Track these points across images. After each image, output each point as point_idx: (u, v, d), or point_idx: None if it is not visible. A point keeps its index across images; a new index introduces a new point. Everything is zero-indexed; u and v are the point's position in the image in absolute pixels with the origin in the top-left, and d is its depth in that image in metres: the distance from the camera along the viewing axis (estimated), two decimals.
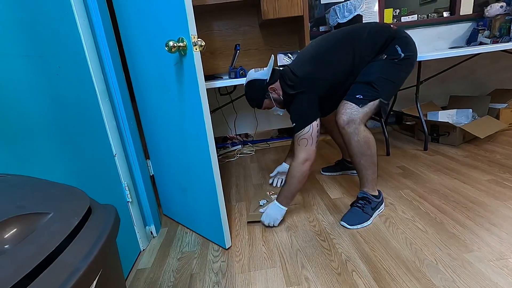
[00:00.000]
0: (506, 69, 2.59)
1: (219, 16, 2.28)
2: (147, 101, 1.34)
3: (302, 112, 1.28)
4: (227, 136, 2.68)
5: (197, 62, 1.00)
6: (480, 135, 1.97)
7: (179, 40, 1.01)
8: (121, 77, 1.24)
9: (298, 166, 1.26)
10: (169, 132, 1.29)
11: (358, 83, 1.26)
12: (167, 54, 1.08)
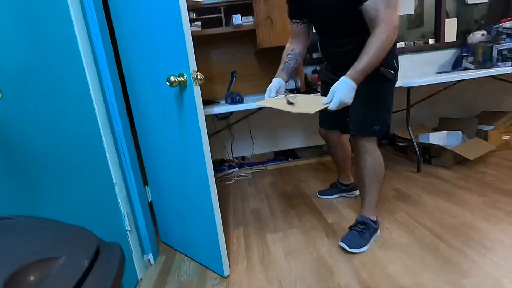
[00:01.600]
0: (492, 92, 2.70)
1: (217, 44, 2.38)
2: (147, 129, 1.38)
3: None
4: (224, 159, 2.70)
5: (197, 96, 1.05)
6: (470, 157, 2.03)
7: (180, 75, 1.06)
8: (122, 106, 1.29)
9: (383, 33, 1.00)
10: (169, 160, 1.32)
11: (372, 108, 1.25)
12: (168, 87, 1.13)
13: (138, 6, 1.14)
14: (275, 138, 2.66)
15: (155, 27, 1.11)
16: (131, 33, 1.23)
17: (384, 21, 1.00)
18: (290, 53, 1.36)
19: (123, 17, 1.23)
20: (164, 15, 1.05)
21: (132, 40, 1.24)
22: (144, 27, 1.15)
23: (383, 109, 1.27)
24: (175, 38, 1.04)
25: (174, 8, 1.00)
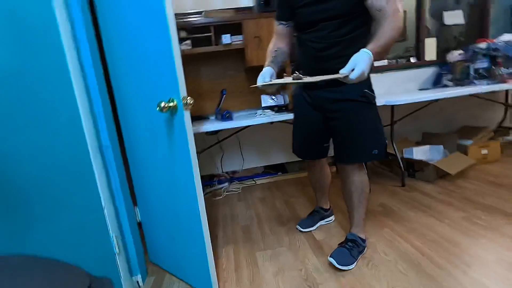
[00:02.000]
0: (470, 107, 2.84)
1: (207, 61, 2.42)
2: (137, 150, 1.39)
3: None
4: (214, 174, 2.71)
5: (187, 121, 1.08)
6: (452, 172, 2.11)
7: (170, 100, 1.09)
8: (112, 128, 1.30)
9: (394, 21, 1.10)
10: (158, 182, 1.33)
11: (367, 134, 1.29)
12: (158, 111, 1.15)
13: (129, 33, 1.17)
14: (264, 152, 2.69)
15: (146, 53, 1.14)
16: (122, 58, 1.25)
17: (392, 10, 1.10)
18: (276, 50, 1.40)
19: (115, 43, 1.26)
20: (154, 42, 1.08)
21: (123, 65, 1.26)
22: (135, 52, 1.18)
23: (378, 132, 1.31)
24: (165, 64, 1.07)
25: (164, 36, 1.03)
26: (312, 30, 1.28)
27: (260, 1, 2.13)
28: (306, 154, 1.58)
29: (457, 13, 2.80)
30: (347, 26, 1.22)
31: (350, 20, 1.21)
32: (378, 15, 1.15)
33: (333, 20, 1.22)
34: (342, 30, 1.22)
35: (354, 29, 1.23)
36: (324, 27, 1.25)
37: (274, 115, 2.18)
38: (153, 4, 1.02)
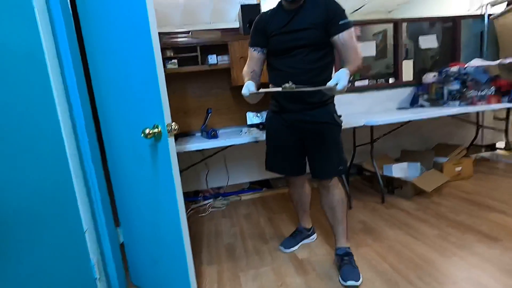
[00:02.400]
0: (446, 126, 2.99)
1: (193, 79, 2.46)
2: (121, 171, 1.39)
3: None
4: (199, 190, 2.72)
5: (171, 147, 1.11)
6: (428, 189, 2.21)
7: (154, 126, 1.11)
8: (95, 151, 1.30)
9: (359, 54, 1.32)
10: (142, 203, 1.33)
11: (335, 152, 1.43)
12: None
13: (116, 58, 1.19)
14: (249, 168, 2.73)
15: (131, 79, 1.16)
16: (108, 82, 1.27)
17: (356, 46, 1.31)
18: (252, 72, 1.49)
19: (101, 66, 1.28)
20: (140, 69, 1.12)
21: (109, 89, 1.28)
22: (120, 77, 1.20)
23: (342, 151, 1.47)
24: (150, 91, 1.10)
25: (150, 63, 1.07)
26: (285, 55, 1.39)
27: (246, 24, 2.20)
28: (285, 169, 1.64)
29: (431, 37, 2.99)
30: (317, 53, 1.36)
31: (319, 49, 1.36)
32: (343, 50, 1.32)
33: (304, 48, 1.35)
34: (312, 57, 1.36)
35: (323, 57, 1.38)
36: (296, 54, 1.37)
37: (258, 132, 2.23)
38: (139, 31, 1.06)
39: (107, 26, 1.18)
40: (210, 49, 2.27)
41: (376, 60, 3.09)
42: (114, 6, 1.13)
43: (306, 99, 1.39)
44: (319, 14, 1.32)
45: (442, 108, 2.53)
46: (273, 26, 1.40)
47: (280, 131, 1.52)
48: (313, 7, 1.34)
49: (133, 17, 1.07)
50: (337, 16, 1.30)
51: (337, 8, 1.32)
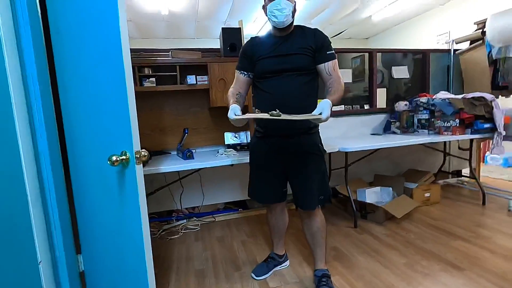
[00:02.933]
0: (416, 152, 3.12)
1: (172, 97, 2.43)
2: (85, 196, 1.32)
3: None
4: (173, 209, 2.64)
5: (139, 175, 1.07)
6: (398, 215, 2.27)
7: (122, 153, 1.07)
8: (59, 173, 1.24)
9: (341, 84, 1.38)
10: (106, 230, 1.27)
11: (316, 182, 1.46)
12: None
13: (87, 84, 1.16)
14: (225, 189, 2.69)
15: (101, 104, 1.13)
16: (77, 105, 1.22)
17: (338, 76, 1.38)
18: (238, 94, 1.50)
19: (70, 90, 1.23)
20: (110, 94, 1.09)
21: (78, 112, 1.23)
22: (91, 101, 1.17)
23: (326, 180, 1.52)
24: (120, 117, 1.06)
25: (120, 89, 1.04)
26: (274, 78, 1.42)
27: (226, 47, 2.23)
28: (267, 197, 1.63)
29: (403, 68, 3.17)
30: (304, 78, 1.41)
31: (306, 74, 1.41)
32: (328, 78, 1.39)
33: (292, 71, 1.39)
34: (300, 80, 1.40)
35: (309, 82, 1.43)
36: (284, 76, 1.40)
37: (235, 154, 2.23)
38: (110, 53, 1.03)
39: (79, 47, 1.15)
40: (189, 68, 2.27)
41: (354, 82, 3.23)
42: (87, 28, 1.10)
43: (292, 125, 1.39)
44: (308, 41, 1.39)
45: (412, 136, 2.65)
46: (262, 50, 1.44)
47: (264, 158, 1.53)
48: (302, 35, 1.42)
49: (105, 38, 1.05)
50: (325, 46, 1.39)
51: (324, 39, 1.41)
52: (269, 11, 1.36)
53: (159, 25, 5.51)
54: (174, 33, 6.08)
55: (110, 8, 0.99)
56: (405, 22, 6.02)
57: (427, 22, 5.51)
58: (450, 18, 4.97)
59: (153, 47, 5.03)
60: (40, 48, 1.15)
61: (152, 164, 1.96)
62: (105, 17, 1.03)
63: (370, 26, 6.20)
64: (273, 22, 1.37)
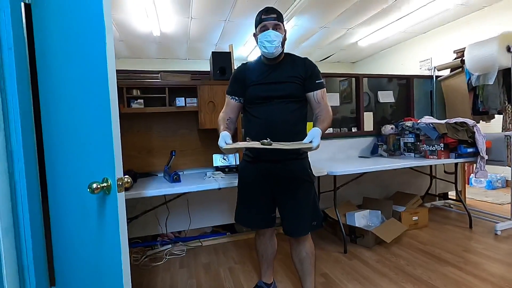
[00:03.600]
0: (403, 174, 3.16)
1: (160, 119, 2.41)
2: (63, 224, 1.26)
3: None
4: (158, 234, 2.54)
5: (120, 203, 1.02)
6: (387, 240, 2.26)
7: (104, 180, 1.03)
8: (35, 199, 1.18)
9: (330, 112, 1.43)
10: (83, 261, 1.19)
11: (309, 208, 1.45)
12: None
13: (70, 107, 1.13)
14: (213, 212, 2.63)
15: (84, 128, 1.10)
16: (60, 129, 1.19)
17: (327, 105, 1.43)
18: (228, 119, 1.50)
19: (53, 113, 1.20)
20: (93, 118, 1.06)
21: (60, 136, 1.19)
22: (73, 125, 1.13)
23: (316, 206, 1.50)
24: (103, 143, 1.03)
25: (104, 114, 1.01)
26: (264, 104, 1.43)
27: (216, 71, 2.26)
28: (255, 223, 1.60)
29: (389, 92, 3.26)
30: (294, 105, 1.43)
31: (296, 101, 1.43)
32: (317, 106, 1.42)
33: (283, 98, 1.41)
34: (290, 107, 1.42)
35: (299, 109, 1.45)
36: (275, 103, 1.42)
37: (223, 177, 2.19)
38: (95, 76, 1.01)
39: (64, 72, 1.13)
40: (179, 90, 2.27)
41: (342, 105, 3.30)
42: (73, 55, 1.09)
43: (281, 151, 1.38)
44: (298, 70, 1.42)
45: (399, 159, 2.69)
46: (253, 77, 1.46)
47: (252, 182, 1.51)
48: (292, 63, 1.45)
49: (91, 65, 1.04)
50: (314, 76, 1.43)
51: (314, 68, 1.45)
52: (259, 41, 1.39)
53: (150, 46, 5.58)
54: (166, 54, 6.16)
55: (97, 36, 0.98)
56: (390, 48, 6.30)
57: (410, 48, 5.79)
58: (432, 46, 5.23)
59: (144, 67, 5.08)
60: (24, 73, 1.13)
61: (138, 187, 1.91)
62: (92, 46, 1.02)
63: (357, 51, 6.45)
64: (264, 52, 1.41)
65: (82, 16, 1.06)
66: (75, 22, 1.09)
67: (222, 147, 1.31)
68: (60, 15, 1.13)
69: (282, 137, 1.33)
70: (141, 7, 3.82)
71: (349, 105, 3.35)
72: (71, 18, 1.10)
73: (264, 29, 1.38)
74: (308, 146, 1.23)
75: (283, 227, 1.50)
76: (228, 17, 4.31)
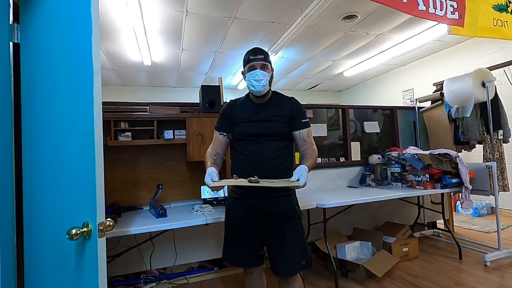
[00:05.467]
0: (392, 204, 3.18)
1: (147, 151, 2.39)
2: (39, 272, 1.18)
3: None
4: (141, 271, 2.41)
5: (100, 250, 0.98)
6: (379, 274, 2.21)
7: (84, 225, 0.99)
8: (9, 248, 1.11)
9: (315, 151, 1.45)
10: None
11: (297, 247, 1.43)
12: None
13: (52, 146, 1.11)
14: (200, 246, 2.54)
15: (66, 169, 1.07)
16: (39, 169, 1.15)
17: (312, 143, 1.47)
18: (216, 155, 1.51)
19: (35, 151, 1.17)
20: (76, 159, 1.04)
21: (40, 175, 1.16)
22: (55, 164, 1.10)
23: (305, 244, 1.47)
24: (85, 185, 1.01)
25: (89, 157, 1.00)
26: (252, 141, 1.45)
27: (205, 104, 2.29)
28: (243, 261, 1.55)
29: (374, 123, 3.37)
30: (281, 143, 1.46)
31: (283, 139, 1.46)
32: (302, 144, 1.45)
33: (270, 136, 1.43)
34: (277, 145, 1.44)
35: (286, 147, 1.48)
36: (263, 141, 1.43)
37: (211, 211, 2.15)
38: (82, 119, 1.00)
39: (50, 112, 1.12)
40: (167, 123, 2.28)
41: (330, 130, 3.35)
42: (58, 94, 1.09)
43: (269, 187, 1.39)
44: (285, 109, 1.47)
45: (387, 189, 2.72)
46: (241, 114, 1.49)
47: (240, 219, 1.49)
48: (279, 103, 1.49)
49: (77, 104, 1.03)
50: (300, 115, 1.48)
51: (300, 108, 1.50)
52: (247, 79, 1.43)
53: (141, 75, 5.65)
54: (156, 82, 6.23)
55: (85, 79, 0.99)
56: (374, 78, 6.58)
57: (393, 79, 6.07)
58: (412, 77, 5.51)
59: (134, 95, 5.11)
60: (6, 114, 1.11)
61: (122, 223, 1.84)
62: (79, 89, 1.03)
63: (342, 80, 6.71)
64: (252, 90, 1.45)
65: (71, 58, 1.07)
66: (64, 63, 1.10)
67: (208, 185, 1.30)
68: (49, 56, 1.14)
69: (269, 174, 1.34)
70: (132, 38, 3.91)
71: (336, 131, 3.42)
72: (60, 59, 1.11)
73: (252, 68, 1.43)
74: (295, 184, 1.24)
75: (271, 266, 1.46)
76: (218, 49, 4.45)
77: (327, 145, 3.30)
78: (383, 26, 3.83)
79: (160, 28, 3.67)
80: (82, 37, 1.02)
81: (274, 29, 3.78)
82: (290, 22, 3.59)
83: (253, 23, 3.61)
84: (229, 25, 3.63)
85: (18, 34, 1.22)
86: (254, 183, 1.24)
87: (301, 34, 3.82)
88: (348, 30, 3.94)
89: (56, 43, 1.12)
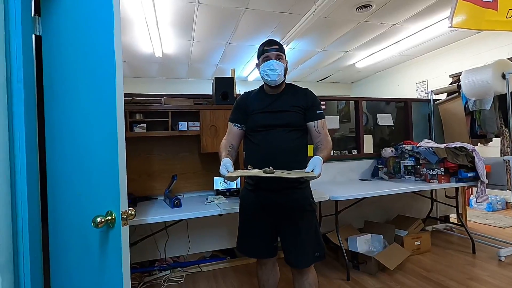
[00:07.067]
0: (404, 197, 3.15)
1: (161, 142, 2.42)
2: (63, 259, 1.23)
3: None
4: (156, 259, 2.48)
5: (124, 237, 1.01)
6: (391, 267, 2.22)
7: (108, 213, 1.02)
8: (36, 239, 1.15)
9: (330, 142, 1.44)
10: None
11: (311, 239, 1.45)
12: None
13: (75, 137, 1.14)
14: (213, 236, 2.58)
15: (90, 159, 1.10)
16: (63, 159, 1.19)
17: (327, 134, 1.46)
18: (230, 146, 1.51)
19: (58, 145, 1.21)
20: (100, 151, 1.07)
21: (64, 167, 1.19)
22: (78, 156, 1.13)
23: (319, 237, 1.48)
24: (109, 175, 1.03)
25: (112, 147, 1.02)
26: (266, 131, 1.45)
27: (218, 96, 2.29)
28: (257, 252, 1.57)
29: (387, 116, 3.31)
30: (296, 133, 1.45)
31: (297, 130, 1.45)
32: (317, 135, 1.44)
33: (285, 126, 1.43)
34: (291, 136, 1.43)
35: (300, 138, 1.47)
36: (277, 131, 1.43)
37: (225, 202, 2.18)
38: (104, 108, 1.03)
39: (72, 103, 1.15)
40: (181, 114, 2.29)
41: (342, 123, 3.33)
42: (81, 87, 1.11)
43: (284, 178, 1.38)
44: (299, 100, 1.46)
45: (399, 182, 2.70)
46: (255, 105, 1.49)
47: (254, 211, 1.50)
48: (293, 93, 1.49)
49: (100, 97, 1.06)
50: (315, 106, 1.47)
51: (315, 99, 1.49)
52: (262, 70, 1.43)
53: (152, 66, 5.67)
54: (167, 74, 6.25)
55: (107, 73, 1.01)
56: (387, 69, 6.44)
57: (406, 70, 5.93)
58: (427, 68, 5.37)
59: (145, 86, 5.14)
60: (31, 107, 1.14)
61: (138, 212, 1.87)
62: (101, 81, 1.05)
63: (354, 72, 6.59)
64: (267, 81, 1.44)
65: (93, 52, 1.09)
66: (86, 57, 1.11)
67: (224, 175, 1.32)
68: (71, 49, 1.16)
69: (284, 165, 1.33)
70: (144, 30, 3.92)
71: (347, 124, 3.40)
72: (82, 52, 1.12)
73: (267, 59, 1.43)
74: (310, 175, 1.23)
75: (285, 258, 1.48)
76: (229, 40, 4.42)
77: (337, 138, 3.28)
78: (398, 15, 3.72)
79: (172, 19, 3.66)
80: (104, 30, 1.03)
81: (286, 20, 3.73)
82: (302, 12, 3.52)
83: (265, 14, 3.56)
84: (241, 16, 3.60)
85: (40, 27, 1.24)
86: (269, 174, 1.25)
87: (314, 24, 3.75)
88: (362, 20, 3.85)
89: (77, 36, 1.13)
